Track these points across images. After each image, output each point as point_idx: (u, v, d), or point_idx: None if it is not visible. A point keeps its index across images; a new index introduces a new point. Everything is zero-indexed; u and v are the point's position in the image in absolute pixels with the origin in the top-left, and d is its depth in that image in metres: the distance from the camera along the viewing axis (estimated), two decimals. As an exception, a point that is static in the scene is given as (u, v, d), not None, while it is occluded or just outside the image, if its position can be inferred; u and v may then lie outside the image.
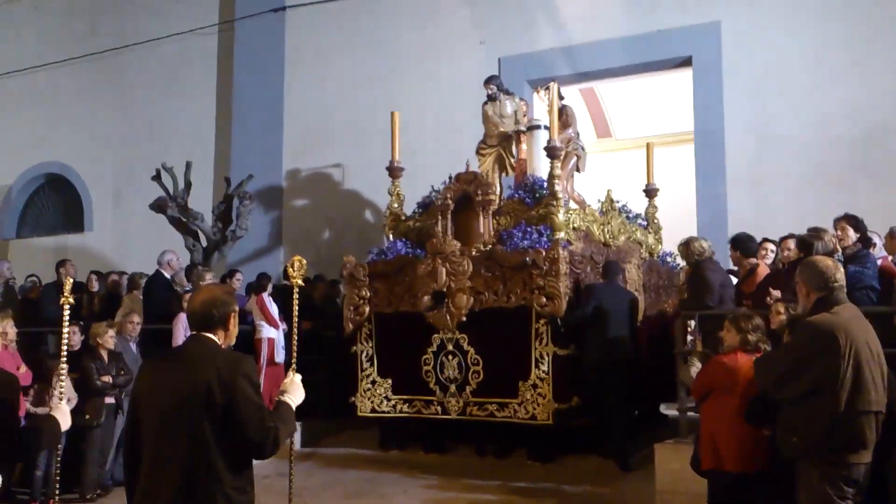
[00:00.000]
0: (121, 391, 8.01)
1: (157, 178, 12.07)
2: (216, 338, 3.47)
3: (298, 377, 3.77)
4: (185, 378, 3.31)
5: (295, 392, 3.67)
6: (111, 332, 8.22)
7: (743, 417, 4.91)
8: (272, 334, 9.65)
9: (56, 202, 16.61)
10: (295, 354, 4.21)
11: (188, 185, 12.27)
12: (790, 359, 4.41)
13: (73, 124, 16.03)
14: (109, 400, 8.01)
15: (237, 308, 3.62)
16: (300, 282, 4.25)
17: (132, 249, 14.34)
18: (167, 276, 10.55)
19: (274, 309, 9.80)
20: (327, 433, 9.80)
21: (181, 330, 8.94)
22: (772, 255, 8.10)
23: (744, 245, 7.93)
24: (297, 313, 4.38)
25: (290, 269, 4.24)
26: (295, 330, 4.34)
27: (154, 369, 3.56)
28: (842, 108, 10.20)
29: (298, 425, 8.81)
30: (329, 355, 10.03)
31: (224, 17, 14.72)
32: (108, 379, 7.95)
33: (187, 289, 10.08)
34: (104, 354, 8.11)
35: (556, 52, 11.83)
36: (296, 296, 4.35)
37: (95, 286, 11.58)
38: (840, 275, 4.44)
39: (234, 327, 3.55)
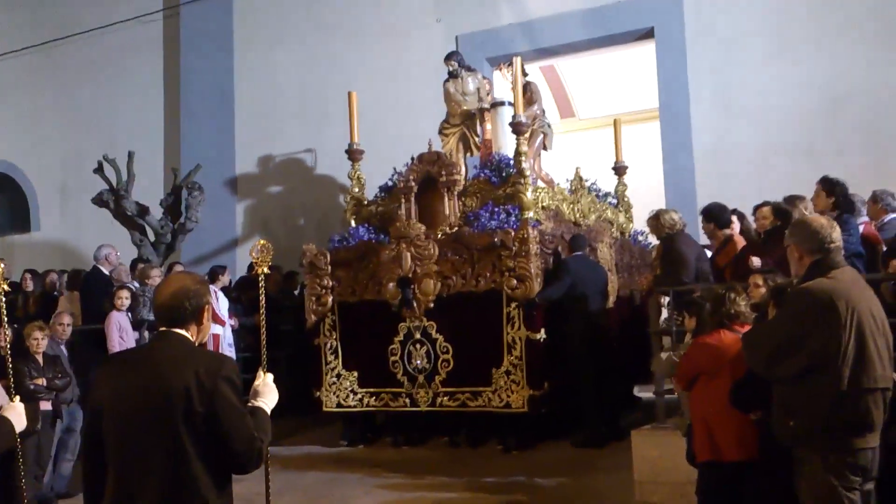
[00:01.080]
0: (57, 396, 7.51)
1: (99, 170, 11.57)
2: (188, 334, 3.06)
3: (270, 377, 3.35)
4: (158, 383, 2.90)
5: (268, 394, 3.27)
6: (43, 333, 7.64)
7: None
8: (217, 330, 9.10)
9: (0, 201, 15.94)
10: (265, 351, 3.70)
11: (131, 176, 11.77)
12: (783, 332, 3.87)
13: (16, 120, 15.49)
14: (45, 406, 7.46)
15: (210, 299, 3.21)
16: (266, 269, 3.76)
17: (82, 248, 13.74)
18: (105, 272, 9.97)
19: (221, 304, 9.32)
20: (287, 433, 9.26)
21: (115, 333, 8.47)
22: (737, 227, 7.76)
23: (717, 216, 7.51)
24: (263, 305, 3.86)
25: (253, 255, 3.76)
26: (263, 324, 3.80)
27: (117, 373, 3.09)
28: (806, 78, 10.01)
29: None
30: (287, 350, 9.59)
31: (169, 2, 14.21)
32: (41, 382, 7.36)
33: (125, 283, 9.51)
34: (38, 357, 7.54)
35: (515, 27, 11.54)
36: (261, 284, 3.88)
37: (30, 286, 11.01)
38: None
39: (207, 322, 3.15)
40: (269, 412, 3.20)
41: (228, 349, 9.12)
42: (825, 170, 9.18)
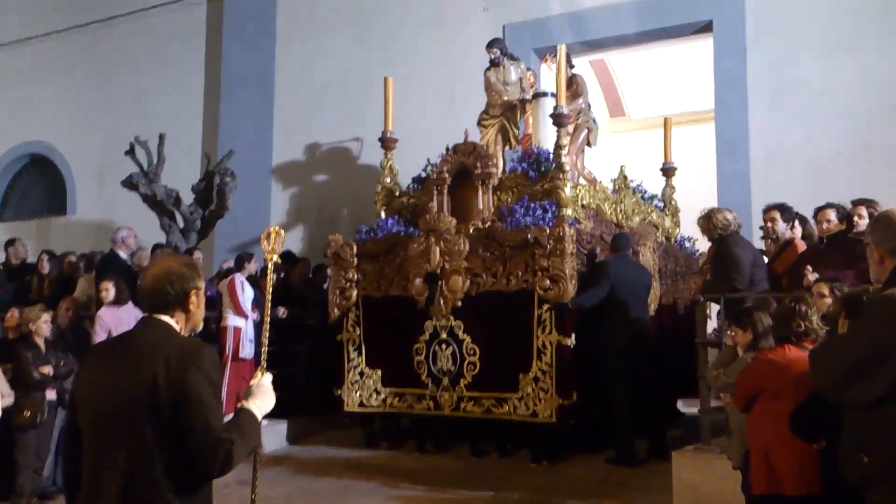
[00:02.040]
0: (62, 384, 7.12)
1: (130, 152, 11.25)
2: (173, 321, 2.80)
3: (268, 378, 3.00)
4: (128, 370, 2.65)
5: (262, 397, 2.91)
6: (46, 317, 7.24)
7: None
8: (239, 323, 8.65)
9: (39, 184, 15.80)
10: (265, 349, 3.32)
11: (161, 160, 11.41)
12: (859, 348, 3.16)
13: (57, 102, 15.23)
14: (51, 395, 7.08)
15: (201, 284, 2.89)
16: (276, 257, 3.42)
17: (117, 232, 13.50)
18: (123, 255, 9.55)
19: (247, 295, 8.84)
20: (304, 434, 8.88)
21: (99, 336, 7.81)
22: (798, 231, 7.14)
23: (790, 214, 6.99)
24: (269, 296, 3.46)
25: (265, 243, 3.41)
26: (267, 318, 3.42)
27: (96, 360, 2.90)
28: (876, 76, 9.30)
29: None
30: (310, 346, 9.18)
31: (213, -15, 13.92)
32: (47, 370, 6.97)
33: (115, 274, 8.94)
34: (40, 343, 7.16)
35: (564, 17, 10.97)
36: (270, 274, 3.50)
37: (46, 267, 10.57)
38: None
39: (196, 308, 2.86)
40: (258, 416, 2.87)
41: (249, 344, 8.70)
42: (891, 174, 8.65)
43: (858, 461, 3.14)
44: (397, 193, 8.85)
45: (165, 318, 2.78)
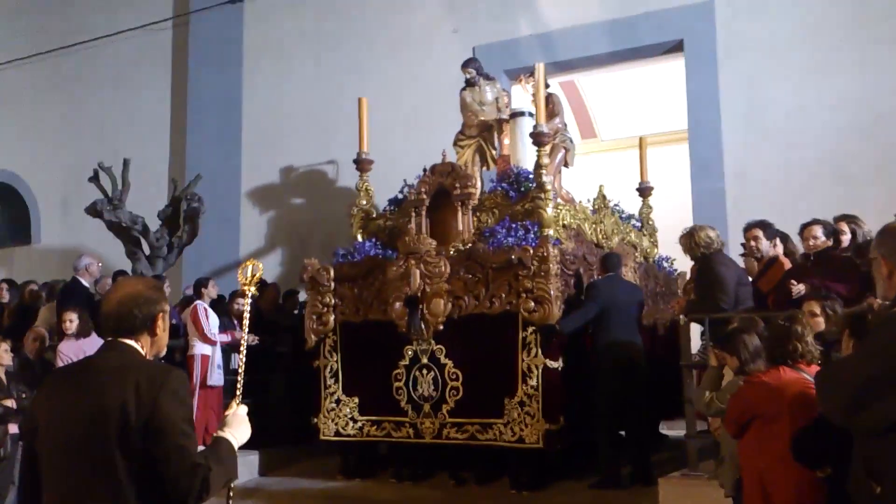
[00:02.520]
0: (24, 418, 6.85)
1: (94, 179, 11.01)
2: (138, 346, 2.71)
3: (244, 409, 2.94)
4: (93, 397, 2.54)
5: (238, 427, 2.85)
6: (5, 347, 6.98)
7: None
8: (206, 351, 8.49)
9: (2, 212, 15.45)
10: (241, 379, 3.23)
11: (126, 185, 11.18)
12: (870, 370, 2.94)
13: (19, 129, 15.01)
14: (13, 429, 6.75)
15: (167, 308, 2.83)
16: (254, 289, 3.32)
17: (83, 262, 13.19)
18: (86, 283, 9.30)
19: (211, 321, 8.68)
20: (278, 464, 8.63)
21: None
22: (779, 249, 7.09)
23: (779, 235, 6.94)
24: (246, 329, 3.37)
25: (242, 276, 3.33)
26: (243, 349, 3.35)
27: (57, 386, 2.74)
28: (848, 94, 9.34)
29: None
30: (283, 374, 8.97)
31: (179, 10, 13.75)
32: (9, 403, 6.70)
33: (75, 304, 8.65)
34: (0, 374, 6.89)
35: (534, 38, 10.97)
36: (247, 308, 3.40)
37: (6, 297, 10.35)
38: None
39: (162, 332, 2.79)
40: (235, 446, 2.79)
41: (218, 371, 8.48)
42: (865, 192, 8.68)
43: (870, 491, 2.95)
44: (374, 215, 8.69)
45: (130, 342, 2.69)
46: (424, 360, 7.64)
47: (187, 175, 12.32)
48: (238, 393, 3.09)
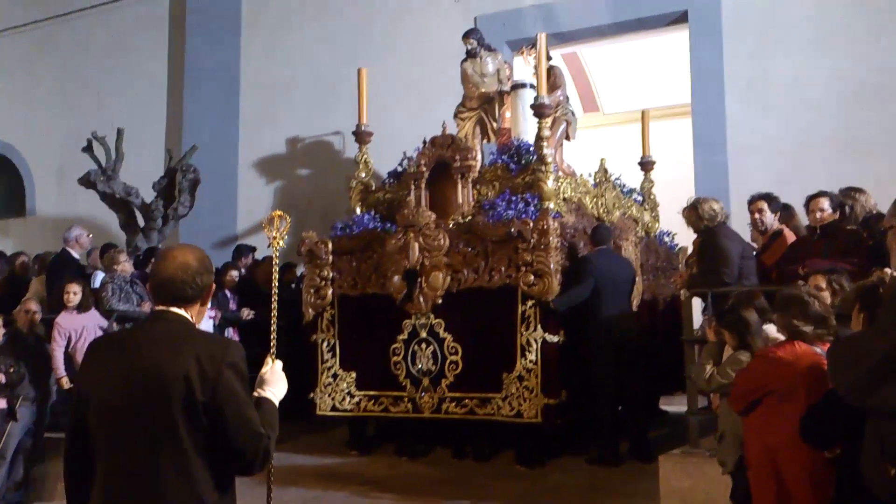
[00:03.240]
0: (12, 392, 6.77)
1: (88, 149, 10.88)
2: (188, 315, 2.73)
3: (279, 364, 2.99)
4: (154, 369, 2.55)
5: (277, 384, 2.91)
6: None
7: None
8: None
9: (-5, 183, 15.33)
10: (274, 337, 3.31)
11: (120, 156, 11.07)
12: (884, 347, 2.83)
13: (15, 99, 14.81)
14: (1, 404, 6.70)
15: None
16: (281, 243, 3.31)
17: (78, 233, 13.08)
18: (75, 255, 9.20)
19: None
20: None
21: (58, 344, 7.51)
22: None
23: (784, 207, 6.81)
24: (276, 286, 3.43)
25: (268, 229, 3.30)
26: (274, 308, 3.42)
27: (106, 357, 2.72)
28: (852, 66, 9.20)
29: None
30: (280, 349, 8.86)
31: (176, -21, 13.55)
32: None
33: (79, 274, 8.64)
34: None
35: (537, 9, 10.77)
36: (275, 262, 3.44)
37: None
38: None
39: (209, 301, 2.88)
40: (276, 403, 2.86)
41: None
42: (869, 165, 8.57)
43: (885, 473, 2.88)
44: (373, 188, 8.58)
45: (181, 311, 2.70)
46: (423, 334, 7.57)
47: (183, 146, 12.22)
48: (272, 350, 3.11)
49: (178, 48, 13.45)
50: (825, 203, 6.13)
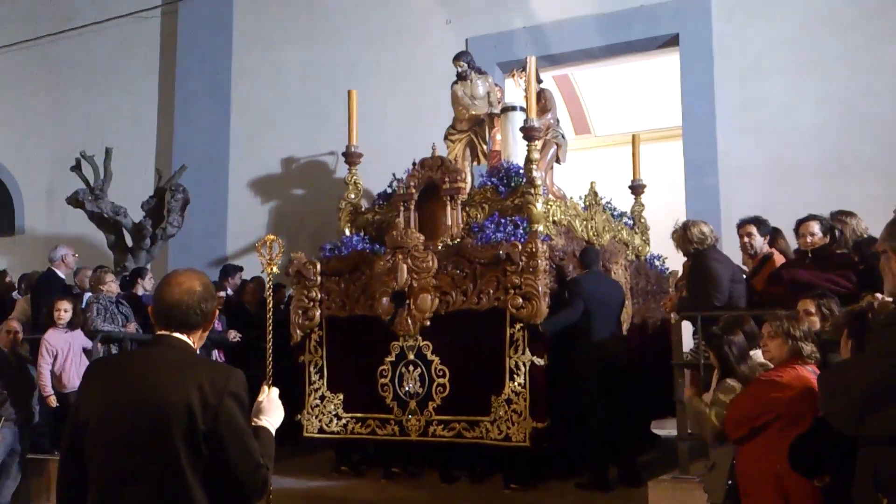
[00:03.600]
0: None
1: (76, 168, 10.85)
2: (190, 340, 2.73)
3: (276, 392, 2.99)
4: (155, 395, 2.53)
5: (273, 412, 2.92)
6: None
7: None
8: None
9: (-17, 202, 15.25)
10: (270, 363, 3.33)
11: (108, 175, 11.03)
12: (877, 373, 2.76)
13: (5, 116, 14.79)
14: None
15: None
16: (275, 269, 3.27)
17: (66, 253, 13.00)
18: (61, 275, 9.12)
19: None
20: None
21: (45, 361, 7.44)
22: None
23: (773, 232, 6.79)
24: (270, 310, 3.41)
25: (260, 253, 3.28)
26: (269, 332, 3.42)
27: (106, 379, 2.69)
28: (847, 89, 9.25)
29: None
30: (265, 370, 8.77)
31: (167, -2, 13.57)
32: None
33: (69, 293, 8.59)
34: None
35: (528, 31, 10.82)
36: (269, 287, 3.42)
37: None
38: None
39: (207, 331, 2.85)
40: (273, 432, 2.88)
41: None
42: (859, 189, 8.59)
43: (876, 502, 2.80)
44: (362, 209, 8.55)
45: (183, 336, 2.69)
46: (411, 357, 7.50)
47: (173, 165, 12.22)
48: (268, 377, 3.14)
49: (168, 67, 13.46)
50: (815, 227, 6.11)
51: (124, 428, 2.53)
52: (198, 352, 2.79)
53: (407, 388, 7.47)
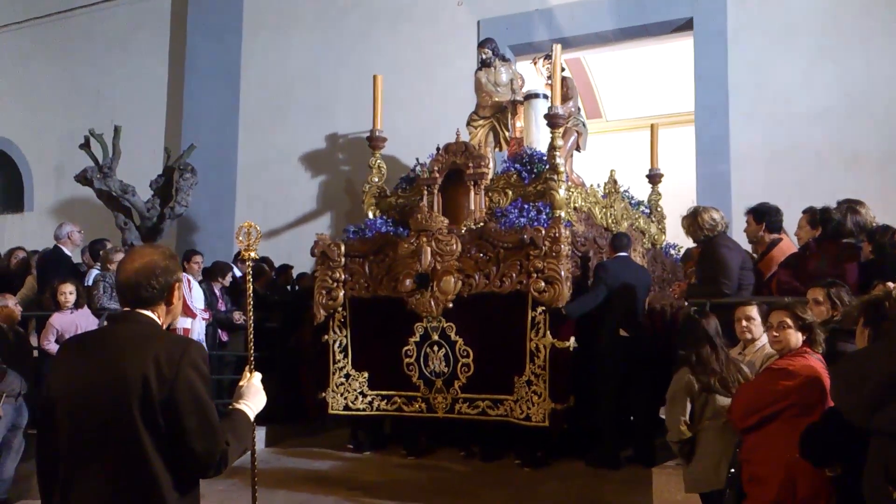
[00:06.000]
0: None
1: (85, 146, 10.85)
2: (155, 315, 2.72)
3: (258, 377, 2.98)
4: (113, 369, 2.55)
5: (253, 397, 2.90)
6: None
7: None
8: (186, 324, 8.24)
9: (-7, 179, 15.27)
10: (252, 348, 3.29)
11: (117, 153, 11.00)
12: (889, 367, 2.79)
13: (14, 95, 14.75)
14: None
15: (182, 277, 2.88)
16: (254, 254, 3.32)
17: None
18: (67, 252, 9.10)
19: (194, 294, 8.57)
20: (273, 441, 8.56)
21: (50, 342, 7.43)
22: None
23: (771, 217, 6.69)
24: (251, 296, 3.42)
25: (240, 239, 3.31)
26: (250, 317, 3.39)
27: (72, 358, 2.73)
28: (857, 79, 9.26)
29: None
30: (270, 351, 8.65)
31: (178, -24, 13.57)
32: None
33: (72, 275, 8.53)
34: None
35: (541, 14, 10.80)
36: (248, 273, 3.43)
37: None
38: None
39: (177, 301, 2.81)
40: (251, 417, 2.86)
41: None
42: (872, 177, 8.69)
43: (887, 495, 2.82)
44: (387, 193, 8.68)
45: (147, 312, 2.70)
46: (435, 337, 7.69)
47: (182, 144, 12.18)
48: (250, 363, 3.10)
49: (178, 46, 13.44)
50: (802, 220, 6.23)
51: (86, 402, 2.57)
52: (190, 326, 2.82)
53: (432, 368, 7.66)
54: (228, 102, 12.85)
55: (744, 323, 4.92)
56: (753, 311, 4.89)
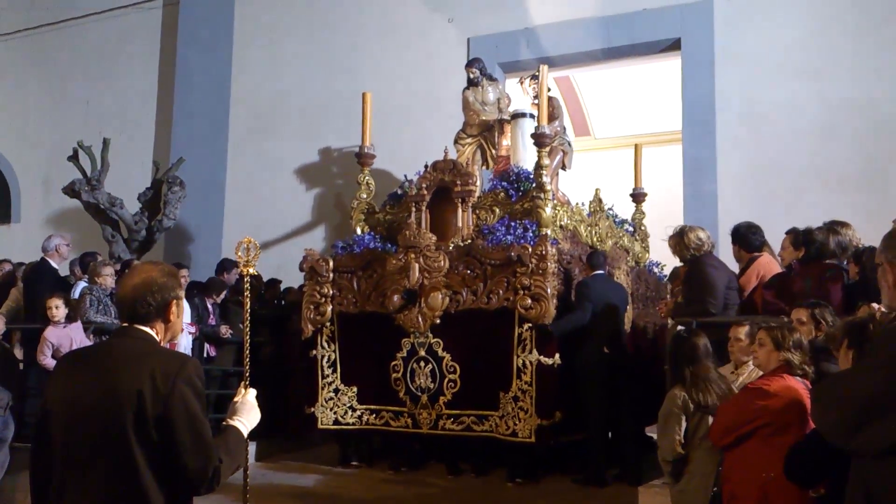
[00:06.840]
0: None
1: (73, 158, 10.86)
2: (153, 332, 2.75)
3: (252, 393, 2.99)
4: (108, 384, 2.58)
5: (248, 413, 2.92)
6: None
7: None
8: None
9: (-20, 190, 15.21)
10: (247, 364, 3.30)
11: (105, 165, 11.03)
12: (871, 386, 2.68)
13: (4, 105, 14.76)
14: None
15: (181, 294, 2.89)
16: (253, 270, 3.34)
17: (63, 243, 13.02)
18: (54, 264, 9.04)
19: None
20: (260, 456, 8.50)
21: (46, 357, 7.40)
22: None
23: (743, 238, 6.70)
24: (248, 313, 3.45)
25: (239, 254, 3.32)
26: (247, 333, 3.41)
27: (69, 371, 2.75)
28: (848, 97, 9.34)
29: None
30: (259, 366, 8.79)
31: (169, -10, 13.61)
32: None
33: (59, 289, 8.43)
34: None
35: (530, 32, 10.91)
36: (247, 288, 3.44)
37: None
38: None
39: (176, 318, 2.84)
40: (244, 433, 2.87)
41: None
42: (857, 198, 8.77)
43: None
44: (376, 210, 8.74)
45: (145, 328, 2.74)
46: (422, 353, 7.73)
47: (171, 158, 12.23)
48: (245, 379, 3.12)
49: (168, 59, 13.47)
50: (785, 241, 6.28)
51: (81, 415, 2.58)
52: (177, 339, 2.85)
53: (419, 383, 7.70)
54: (218, 116, 12.85)
55: (733, 343, 4.97)
56: (742, 332, 4.94)
